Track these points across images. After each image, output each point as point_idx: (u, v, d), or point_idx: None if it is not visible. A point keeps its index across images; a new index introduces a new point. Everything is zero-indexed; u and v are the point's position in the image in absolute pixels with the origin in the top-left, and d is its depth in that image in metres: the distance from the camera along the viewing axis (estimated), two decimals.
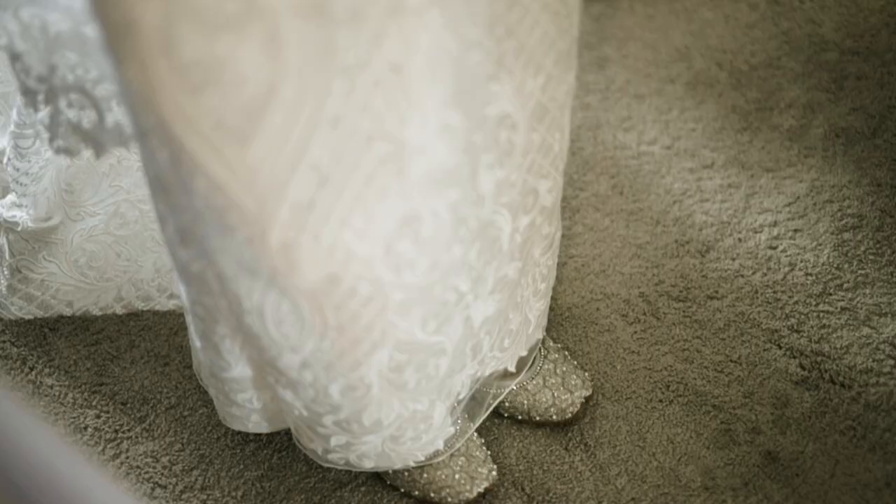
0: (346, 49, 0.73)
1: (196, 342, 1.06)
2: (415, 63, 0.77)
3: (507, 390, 1.23)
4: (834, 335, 1.35)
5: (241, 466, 1.27)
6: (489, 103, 0.87)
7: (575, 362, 1.32)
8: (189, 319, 1.04)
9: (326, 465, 1.12)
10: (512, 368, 1.19)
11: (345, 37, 0.72)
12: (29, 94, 0.97)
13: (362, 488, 1.24)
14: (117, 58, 0.74)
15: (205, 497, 1.25)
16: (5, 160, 1.23)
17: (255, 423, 1.14)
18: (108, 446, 1.31)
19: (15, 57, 0.95)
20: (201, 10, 0.67)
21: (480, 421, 1.21)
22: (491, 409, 1.22)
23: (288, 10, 0.68)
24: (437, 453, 1.15)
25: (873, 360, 1.31)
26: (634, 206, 1.54)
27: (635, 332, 1.39)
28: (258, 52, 0.70)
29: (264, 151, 0.75)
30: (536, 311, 1.19)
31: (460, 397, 1.13)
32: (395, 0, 0.73)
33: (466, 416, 1.20)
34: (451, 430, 1.15)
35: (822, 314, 1.37)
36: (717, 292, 1.41)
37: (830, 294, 1.39)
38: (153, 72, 0.71)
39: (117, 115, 0.93)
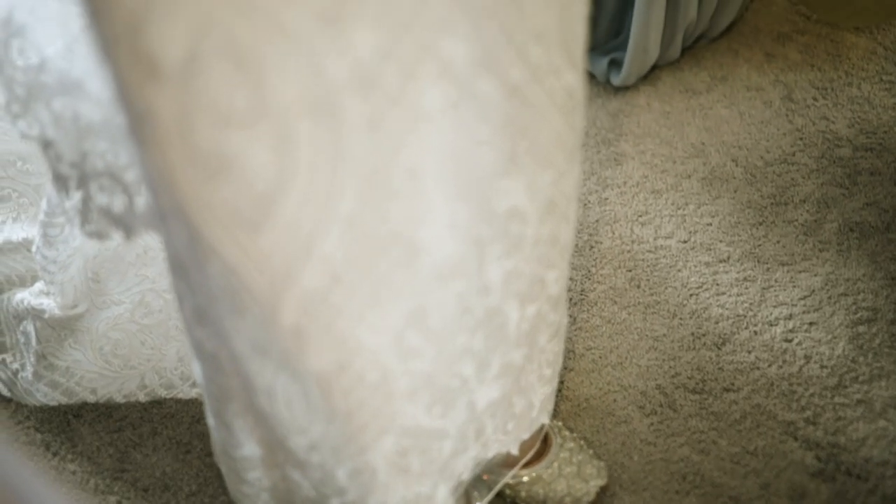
0: (362, 155, 0.74)
1: (210, 420, 1.07)
2: (428, 165, 0.78)
3: (511, 473, 1.23)
4: (850, 427, 1.34)
5: None
6: (500, 198, 0.88)
7: (591, 451, 1.32)
8: (204, 398, 1.05)
9: None
10: (515, 451, 1.20)
11: (360, 142, 0.73)
12: (61, 180, 0.99)
13: None
14: (139, 143, 0.76)
15: None
16: (34, 248, 1.25)
17: (265, 502, 1.14)
18: None
19: (47, 144, 0.97)
20: (215, 105, 0.69)
21: (487, 501, 1.21)
22: (496, 489, 1.22)
23: (299, 111, 0.70)
24: None
25: (890, 453, 1.31)
26: (651, 300, 1.55)
27: (652, 424, 1.39)
28: (269, 148, 0.71)
29: (275, 241, 0.77)
30: (541, 395, 1.19)
31: (462, 478, 1.13)
32: (415, 107, 0.75)
33: (476, 493, 1.19)
34: None
35: (837, 406, 1.37)
36: (733, 384, 1.42)
37: (846, 386, 1.39)
38: (171, 158, 0.73)
39: (146, 198, 0.95)
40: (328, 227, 0.77)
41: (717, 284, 1.55)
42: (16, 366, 1.42)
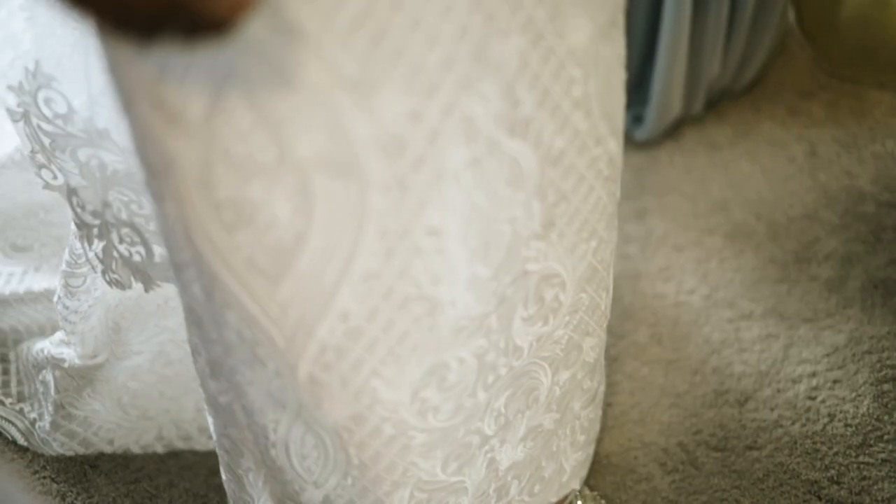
0: (383, 212, 0.74)
1: (223, 473, 1.06)
2: (451, 223, 0.78)
3: None
4: (875, 487, 1.32)
5: None
6: (532, 261, 0.88)
7: None
8: (217, 451, 1.05)
9: None
10: None
11: (380, 200, 0.73)
12: (84, 228, 1.00)
13: None
14: (156, 194, 0.77)
15: None
16: (56, 298, 1.26)
17: None
18: None
19: (72, 192, 0.98)
20: (235, 157, 0.69)
21: None
22: None
23: (317, 166, 0.70)
24: None
25: None
26: (673, 356, 1.54)
27: (673, 482, 1.37)
28: (287, 201, 0.72)
29: (292, 293, 0.77)
30: (574, 461, 1.18)
31: None
32: (439, 166, 0.75)
33: None
34: None
35: (862, 466, 1.35)
36: (755, 442, 1.40)
37: (871, 445, 1.37)
38: (189, 208, 0.74)
39: (165, 250, 0.96)
40: (346, 282, 0.77)
41: (740, 341, 1.54)
42: (33, 415, 1.43)
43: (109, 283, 0.99)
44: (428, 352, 0.85)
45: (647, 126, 1.90)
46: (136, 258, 0.97)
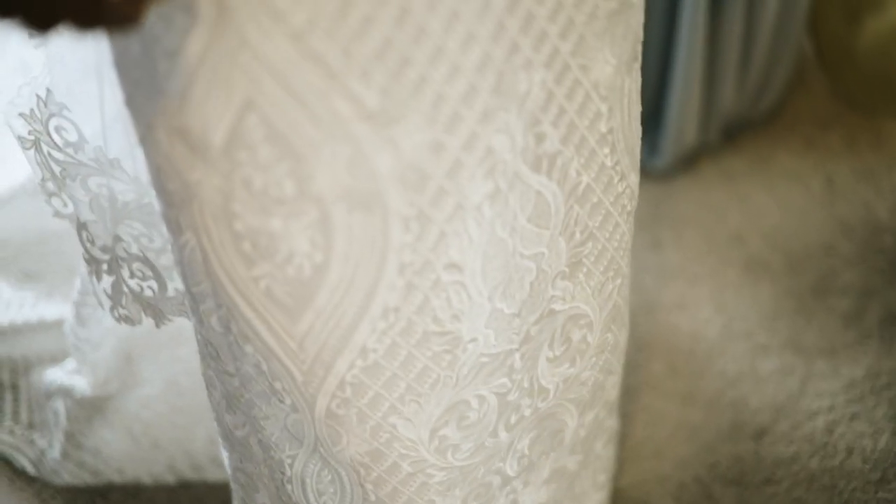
0: (402, 246, 0.73)
1: None
2: (472, 259, 0.77)
3: None
4: None
5: None
6: (557, 300, 0.87)
7: None
8: (231, 486, 1.04)
9: None
10: None
11: (401, 234, 0.73)
12: (93, 264, 0.99)
13: None
14: (174, 224, 0.76)
15: None
16: (67, 327, 1.26)
17: None
18: None
19: (81, 226, 0.98)
20: (255, 188, 0.69)
21: None
22: None
23: (338, 198, 0.69)
24: None
25: None
26: (688, 388, 1.52)
27: None
28: (306, 235, 0.71)
29: (311, 327, 0.76)
30: (594, 501, 1.16)
31: None
32: (460, 200, 0.74)
33: None
34: None
35: (881, 501, 1.33)
36: (773, 477, 1.38)
37: (890, 481, 1.35)
38: (207, 239, 0.73)
39: (178, 283, 0.95)
40: (365, 317, 0.76)
41: (757, 374, 1.52)
42: (43, 444, 1.42)
43: (118, 319, 0.98)
44: (448, 389, 0.84)
45: (662, 156, 1.89)
46: (148, 293, 0.96)
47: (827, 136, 1.98)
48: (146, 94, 0.68)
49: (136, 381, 1.32)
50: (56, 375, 1.35)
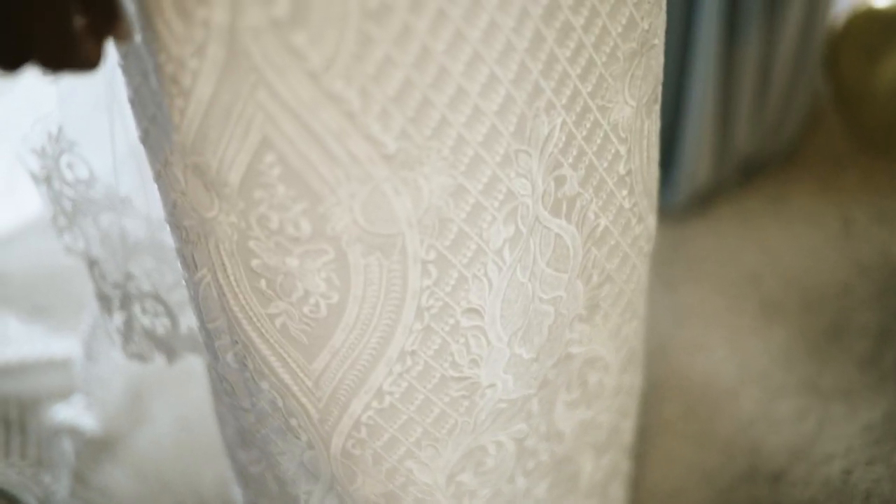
0: (421, 290, 0.73)
1: None
2: (491, 303, 0.77)
3: None
4: None
5: None
6: (575, 344, 0.86)
7: None
8: None
9: None
10: None
11: (418, 277, 0.72)
12: (104, 300, 0.99)
13: None
14: (189, 260, 0.76)
15: None
16: (77, 363, 1.25)
17: None
18: None
19: (93, 263, 0.98)
20: (272, 228, 0.68)
21: None
22: None
23: (355, 240, 0.69)
24: None
25: None
26: (703, 430, 1.51)
27: None
28: (322, 275, 0.70)
29: (326, 365, 0.75)
30: None
31: None
32: (480, 244, 0.73)
33: None
34: None
35: None
36: None
37: None
38: (224, 275, 0.73)
39: (190, 320, 0.94)
40: (382, 360, 0.75)
41: (773, 416, 1.51)
42: (50, 482, 1.41)
43: (129, 357, 0.98)
44: (465, 435, 0.83)
45: (676, 194, 1.88)
46: (160, 330, 0.96)
47: (843, 177, 1.97)
48: (162, 131, 0.68)
49: (145, 419, 1.32)
50: (64, 412, 1.34)
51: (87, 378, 1.27)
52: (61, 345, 1.44)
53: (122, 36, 0.62)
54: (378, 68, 0.63)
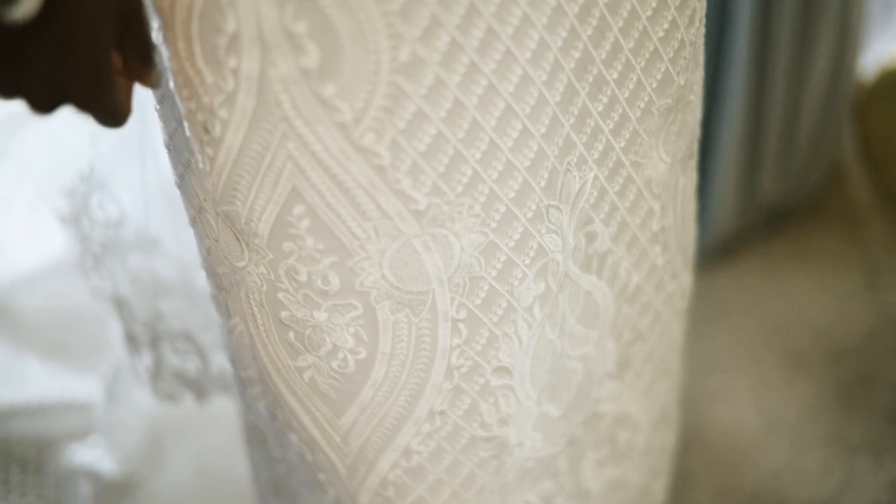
0: (451, 349, 0.72)
1: None
2: (521, 361, 0.76)
3: None
4: None
5: None
6: (604, 402, 0.85)
7: None
8: None
9: None
10: None
11: (449, 336, 0.71)
12: (132, 340, 0.99)
13: None
14: (223, 307, 0.76)
15: None
16: (97, 405, 1.24)
17: None
18: None
19: (122, 302, 0.97)
20: (300, 281, 0.67)
21: None
22: None
23: (384, 296, 0.68)
24: None
25: None
26: (728, 482, 1.49)
27: None
28: (350, 331, 0.70)
29: (354, 421, 0.75)
30: None
31: None
32: (510, 302, 0.72)
33: None
34: None
35: None
36: None
37: None
38: (254, 326, 0.72)
39: (221, 360, 0.94)
40: (410, 419, 0.74)
41: (798, 469, 1.49)
42: None
43: (159, 396, 0.97)
44: (493, 495, 0.82)
45: (701, 243, 1.87)
46: (191, 369, 0.95)
47: (868, 227, 1.96)
48: (196, 178, 0.67)
49: (164, 463, 1.30)
50: (82, 454, 1.33)
51: (108, 420, 1.26)
52: (81, 386, 1.43)
53: (152, 83, 0.63)
54: (409, 122, 0.62)
